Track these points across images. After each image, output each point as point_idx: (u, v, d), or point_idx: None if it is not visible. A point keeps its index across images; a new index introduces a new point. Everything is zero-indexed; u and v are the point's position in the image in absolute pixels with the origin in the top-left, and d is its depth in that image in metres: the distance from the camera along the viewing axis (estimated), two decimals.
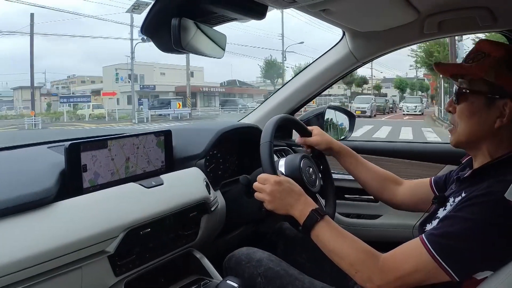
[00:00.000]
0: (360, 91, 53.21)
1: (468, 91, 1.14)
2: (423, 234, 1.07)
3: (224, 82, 57.63)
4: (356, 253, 1.13)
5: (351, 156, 1.62)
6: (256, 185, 1.34)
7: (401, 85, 55.49)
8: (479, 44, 1.17)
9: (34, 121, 26.40)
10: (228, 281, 1.37)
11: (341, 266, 1.15)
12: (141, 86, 43.34)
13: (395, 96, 54.49)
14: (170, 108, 32.78)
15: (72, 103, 37.21)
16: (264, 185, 1.31)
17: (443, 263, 1.00)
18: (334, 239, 1.18)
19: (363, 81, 54.94)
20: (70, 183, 1.29)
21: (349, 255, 1.14)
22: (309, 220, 1.22)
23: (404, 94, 52.92)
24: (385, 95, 53.83)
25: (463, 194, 1.11)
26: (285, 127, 1.60)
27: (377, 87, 58.62)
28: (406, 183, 1.57)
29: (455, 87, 1.19)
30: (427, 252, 1.02)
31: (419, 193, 1.47)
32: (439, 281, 1.04)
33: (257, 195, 1.33)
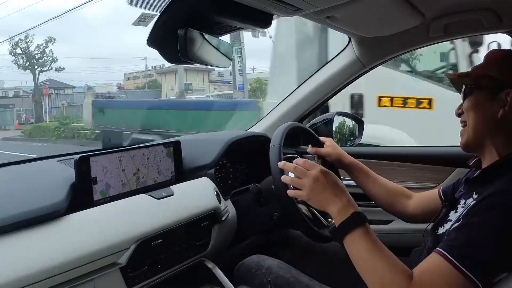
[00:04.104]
0: None
1: (472, 86, 1.19)
2: (443, 249, 1.00)
3: None
4: (390, 273, 1.02)
5: (361, 171, 1.62)
6: (299, 169, 1.23)
7: None
8: (488, 55, 1.24)
9: None
10: None
11: (368, 281, 1.06)
12: None
13: None
14: None
15: None
16: (309, 171, 1.22)
17: (472, 276, 0.95)
18: (371, 251, 1.06)
19: None
20: (81, 195, 1.30)
21: (382, 273, 1.03)
22: (348, 222, 1.10)
23: None
24: None
25: (474, 196, 1.10)
26: (296, 135, 1.60)
27: None
28: (415, 196, 1.56)
29: (462, 91, 1.23)
30: (455, 269, 0.96)
31: (429, 205, 1.46)
32: None
33: (295, 180, 1.23)
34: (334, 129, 2.23)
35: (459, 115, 1.25)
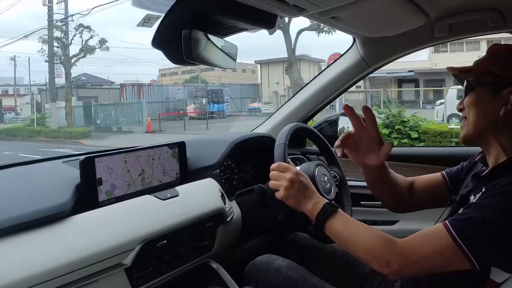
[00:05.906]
0: None
1: (474, 82, 1.19)
2: (448, 221, 1.05)
3: None
4: (372, 239, 1.12)
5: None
6: (274, 173, 1.31)
7: None
8: (490, 49, 1.23)
9: None
10: None
11: (358, 254, 1.14)
12: None
13: None
14: None
15: None
16: (284, 172, 1.29)
17: (464, 248, 0.99)
18: (349, 227, 1.17)
19: None
20: (86, 196, 1.30)
21: (365, 241, 1.13)
22: (322, 212, 1.20)
23: None
24: None
25: (484, 190, 1.10)
26: (301, 136, 1.59)
27: None
28: (416, 182, 1.51)
29: (464, 86, 1.23)
30: (449, 236, 1.01)
31: (432, 190, 1.46)
32: (458, 268, 1.03)
33: (273, 182, 1.30)
34: (338, 130, 2.23)
35: (460, 110, 1.25)
